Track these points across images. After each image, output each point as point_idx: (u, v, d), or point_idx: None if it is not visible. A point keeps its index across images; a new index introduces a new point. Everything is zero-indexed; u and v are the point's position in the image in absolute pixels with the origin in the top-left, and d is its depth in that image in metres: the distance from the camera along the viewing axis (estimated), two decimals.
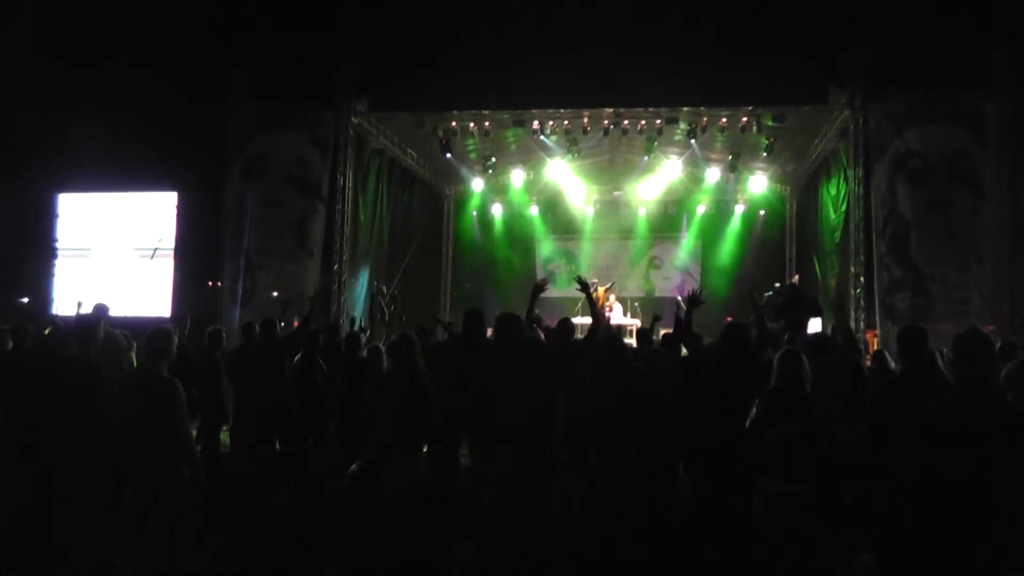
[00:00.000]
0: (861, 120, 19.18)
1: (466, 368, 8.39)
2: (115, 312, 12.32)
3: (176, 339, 7.77)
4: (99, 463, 7.29)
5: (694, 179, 27.71)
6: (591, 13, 22.05)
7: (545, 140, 23.22)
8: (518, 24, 21.45)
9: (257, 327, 12.41)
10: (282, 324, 13.58)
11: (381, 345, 12.44)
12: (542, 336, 9.12)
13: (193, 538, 7.48)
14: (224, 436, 12.54)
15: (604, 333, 8.94)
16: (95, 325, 8.14)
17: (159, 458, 7.06)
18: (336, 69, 21.02)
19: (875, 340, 17.91)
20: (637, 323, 24.55)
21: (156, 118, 23.42)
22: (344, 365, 11.27)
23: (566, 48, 20.27)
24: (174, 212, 22.99)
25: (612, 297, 24.97)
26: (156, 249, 22.66)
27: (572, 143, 23.13)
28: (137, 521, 7.17)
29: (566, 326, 9.70)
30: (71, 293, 21.74)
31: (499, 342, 6.85)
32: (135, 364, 10.60)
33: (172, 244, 22.78)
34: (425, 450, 8.69)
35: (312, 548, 8.07)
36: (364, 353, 11.65)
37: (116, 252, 23.15)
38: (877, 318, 18.48)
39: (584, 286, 8.99)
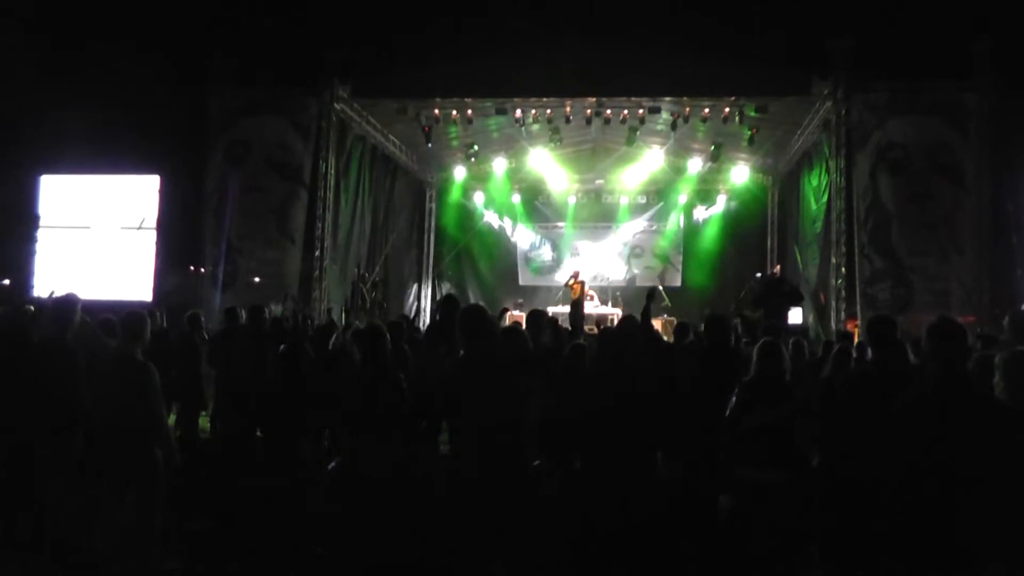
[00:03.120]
0: (843, 111, 19.16)
1: (440, 356, 8.40)
2: (97, 295, 12.26)
3: (150, 323, 7.72)
4: (74, 446, 7.26)
5: (676, 169, 27.74)
6: (574, 1, 22.04)
7: (527, 129, 23.20)
8: (501, 12, 21.38)
9: (242, 312, 12.38)
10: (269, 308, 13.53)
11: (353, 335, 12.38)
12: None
13: (166, 521, 7.47)
14: (203, 421, 12.49)
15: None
16: (72, 308, 8.07)
17: (133, 441, 7.04)
18: (319, 54, 20.90)
19: (856, 330, 17.94)
20: (618, 312, 24.57)
21: (139, 101, 23.32)
22: (318, 356, 11.18)
23: (549, 37, 20.21)
24: (156, 195, 22.92)
25: (586, 286, 24.88)
26: (143, 221, 22.62)
27: (554, 132, 23.12)
28: (112, 504, 7.15)
29: (536, 320, 9.62)
30: (52, 275, 21.65)
31: (465, 340, 6.86)
32: None
33: (154, 228, 22.70)
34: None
35: (292, 535, 8.04)
36: (337, 342, 11.55)
37: (98, 235, 23.04)
38: (858, 308, 18.52)
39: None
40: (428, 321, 24.95)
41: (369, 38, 22.89)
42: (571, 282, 23.97)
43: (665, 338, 14.80)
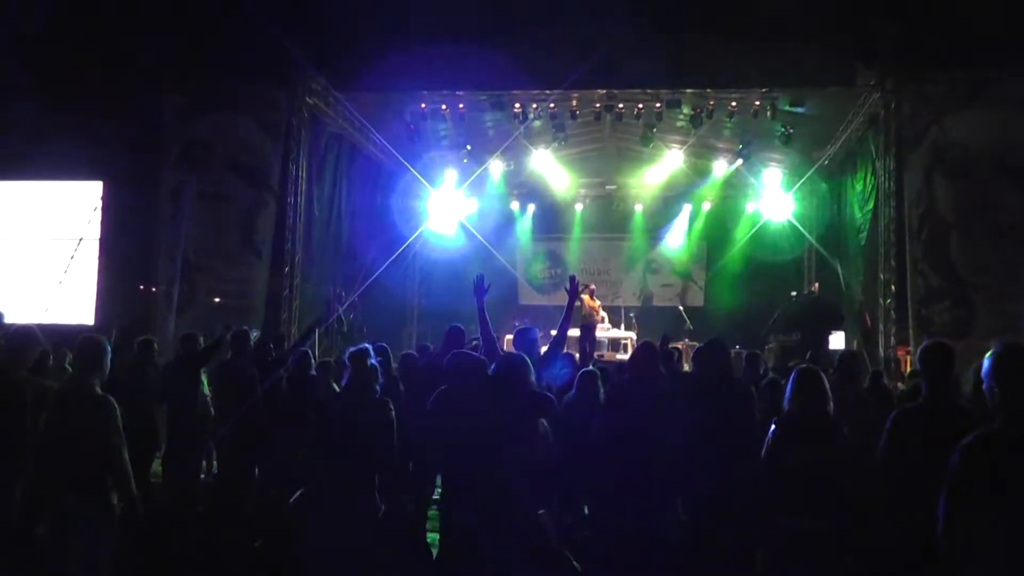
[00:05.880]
0: (893, 105, 19.11)
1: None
2: (30, 318, 12.18)
3: (110, 351, 7.67)
4: (16, 486, 7.22)
5: (699, 171, 27.69)
6: None
7: (527, 126, 23.13)
8: None
9: (197, 339, 12.41)
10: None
11: (333, 361, 12.31)
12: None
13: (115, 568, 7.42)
14: (156, 465, 12.40)
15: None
16: (29, 342, 7.99)
17: (85, 486, 6.98)
18: (289, 42, 20.82)
19: (908, 358, 17.80)
20: (632, 336, 24.43)
21: (80, 96, 23.11)
22: (290, 387, 11.13)
23: (552, 20, 20.10)
24: (99, 204, 22.73)
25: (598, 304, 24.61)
26: (72, 259, 22.34)
27: (559, 129, 23.07)
28: (59, 549, 7.08)
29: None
30: None
31: (450, 382, 6.88)
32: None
33: (96, 241, 22.44)
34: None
35: None
36: (313, 372, 11.50)
37: (29, 251, 22.84)
38: (911, 333, 18.32)
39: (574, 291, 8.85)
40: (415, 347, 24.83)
41: (346, 23, 22.79)
42: (584, 298, 23.48)
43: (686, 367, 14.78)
